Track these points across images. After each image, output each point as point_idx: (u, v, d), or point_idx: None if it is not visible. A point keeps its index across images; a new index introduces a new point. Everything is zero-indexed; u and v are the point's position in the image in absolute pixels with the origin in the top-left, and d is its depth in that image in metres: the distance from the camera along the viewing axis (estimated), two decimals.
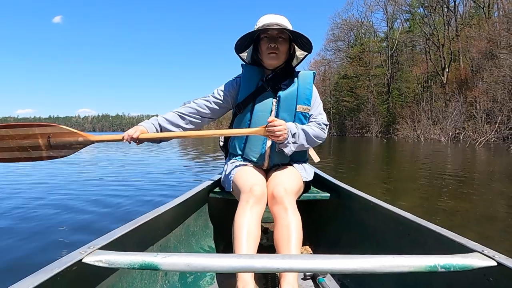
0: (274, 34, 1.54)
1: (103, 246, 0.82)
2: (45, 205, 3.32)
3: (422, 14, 39.74)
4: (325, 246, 1.71)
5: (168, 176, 5.74)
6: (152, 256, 0.71)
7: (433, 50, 37.39)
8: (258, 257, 0.70)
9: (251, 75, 1.62)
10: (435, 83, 35.90)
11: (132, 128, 1.52)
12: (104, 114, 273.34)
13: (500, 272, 0.73)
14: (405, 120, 31.01)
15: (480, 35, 28.96)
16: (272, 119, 1.44)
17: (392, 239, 1.25)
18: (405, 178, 5.99)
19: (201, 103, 1.65)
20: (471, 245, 0.83)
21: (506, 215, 3.25)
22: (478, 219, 3.06)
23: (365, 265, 0.69)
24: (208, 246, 1.66)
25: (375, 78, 45.03)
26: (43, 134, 1.47)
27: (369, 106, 43.25)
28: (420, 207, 3.46)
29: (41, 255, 2.01)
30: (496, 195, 4.21)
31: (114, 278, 0.92)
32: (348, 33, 50.59)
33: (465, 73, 31.27)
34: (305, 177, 1.60)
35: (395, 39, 43.51)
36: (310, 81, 1.64)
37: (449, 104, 27.46)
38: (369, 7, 46.81)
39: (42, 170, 6.21)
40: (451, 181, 5.30)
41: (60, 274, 0.69)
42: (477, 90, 24.84)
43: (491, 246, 0.82)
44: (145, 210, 3.21)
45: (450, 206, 3.49)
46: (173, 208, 1.29)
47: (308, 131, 1.55)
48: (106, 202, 3.48)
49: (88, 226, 2.65)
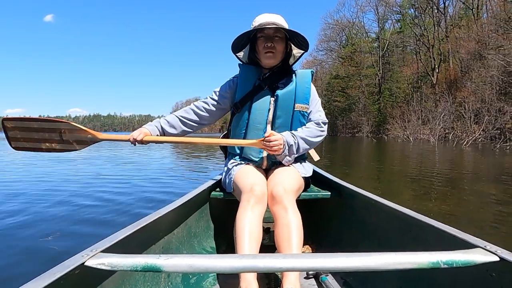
0: (271, 33, 1.54)
1: (106, 249, 0.82)
2: (46, 205, 3.34)
3: (413, 15, 40.14)
4: (327, 245, 1.71)
5: (169, 174, 5.92)
6: (154, 258, 0.71)
7: (423, 50, 37.76)
8: (261, 257, 0.70)
9: (248, 74, 1.63)
10: (425, 84, 36.27)
11: (137, 131, 1.57)
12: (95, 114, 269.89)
13: (502, 267, 0.73)
14: (395, 120, 31.23)
15: (469, 36, 29.33)
16: (269, 133, 1.46)
17: (394, 236, 1.24)
18: (392, 177, 6.10)
19: (200, 105, 1.66)
20: (473, 240, 0.83)
21: (486, 209, 3.40)
22: (460, 213, 3.21)
23: (368, 262, 0.69)
24: (210, 247, 1.67)
25: (366, 78, 45.32)
26: (57, 129, 1.62)
27: (360, 106, 43.50)
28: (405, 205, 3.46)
29: (44, 257, 2.04)
30: (479, 193, 4.36)
31: (117, 280, 0.92)
32: (340, 33, 50.83)
33: (455, 73, 31.64)
34: (304, 173, 1.61)
35: (386, 39, 43.86)
36: (308, 80, 1.63)
37: (439, 104, 27.74)
38: (360, 7, 47.18)
39: (42, 170, 6.20)
40: (436, 180, 5.36)
41: (63, 278, 0.68)
42: (466, 90, 25.13)
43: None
44: (145, 209, 3.14)
45: (433, 206, 3.54)
46: (174, 210, 1.29)
47: (307, 137, 1.57)
48: (105, 201, 3.51)
49: (90, 227, 2.68)
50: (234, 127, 1.66)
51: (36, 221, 2.84)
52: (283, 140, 1.49)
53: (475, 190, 4.59)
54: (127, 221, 2.63)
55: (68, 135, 1.62)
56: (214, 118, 1.69)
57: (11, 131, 1.66)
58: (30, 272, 0.80)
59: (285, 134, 1.52)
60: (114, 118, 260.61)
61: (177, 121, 1.65)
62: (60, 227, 2.66)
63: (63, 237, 2.44)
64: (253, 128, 1.60)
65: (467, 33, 30.21)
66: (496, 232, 2.67)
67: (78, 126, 1.63)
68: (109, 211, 3.20)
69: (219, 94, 1.66)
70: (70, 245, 2.26)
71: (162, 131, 1.63)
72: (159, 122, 1.65)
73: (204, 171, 6.60)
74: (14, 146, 1.69)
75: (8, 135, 1.66)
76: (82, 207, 3.32)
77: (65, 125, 1.62)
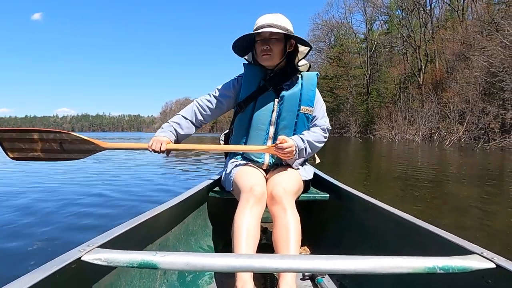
0: (266, 36, 1.53)
1: (102, 245, 0.82)
2: (46, 203, 3.34)
3: (400, 16, 40.53)
4: (324, 246, 1.71)
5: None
6: (151, 254, 0.72)
7: (410, 51, 38.14)
8: (257, 257, 0.71)
9: (252, 74, 1.63)
10: (412, 84, 36.64)
11: (156, 141, 1.54)
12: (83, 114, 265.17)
13: (498, 274, 0.74)
14: (382, 120, 31.43)
15: (454, 38, 29.74)
16: (281, 140, 1.45)
17: (391, 240, 1.24)
18: (369, 176, 6.13)
19: (204, 104, 1.67)
20: (470, 247, 0.83)
21: (456, 207, 3.55)
22: (430, 212, 3.31)
23: (364, 265, 0.69)
24: (207, 245, 1.67)
25: (354, 78, 45.59)
26: (57, 139, 1.60)
27: (348, 106, 43.71)
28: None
29: (41, 252, 2.03)
30: (452, 192, 4.56)
31: (113, 276, 0.92)
32: (328, 34, 51.04)
33: (440, 74, 32.03)
34: (305, 176, 1.61)
35: (374, 40, 44.19)
36: (313, 83, 1.64)
37: (425, 105, 28.02)
38: (348, 8, 47.45)
39: (42, 170, 6.18)
40: (411, 179, 5.40)
41: (59, 272, 0.69)
42: (451, 91, 25.44)
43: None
44: (142, 206, 3.14)
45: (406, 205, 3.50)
46: (172, 207, 1.29)
47: (313, 141, 1.58)
48: (104, 201, 3.51)
49: (88, 223, 2.68)
50: (237, 126, 1.67)
51: (32, 216, 2.86)
52: (295, 146, 1.49)
53: (449, 190, 4.67)
54: (125, 218, 2.53)
55: (68, 145, 1.61)
56: (216, 114, 1.70)
57: (6, 142, 1.64)
58: (26, 267, 0.77)
59: (295, 138, 1.53)
60: (103, 118, 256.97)
61: (186, 122, 1.66)
62: (58, 224, 2.65)
63: (60, 233, 2.44)
64: (255, 128, 1.60)
65: (452, 34, 30.64)
66: (467, 230, 2.71)
67: (79, 137, 1.62)
68: (108, 208, 3.23)
69: (223, 92, 1.66)
70: (66, 240, 2.26)
71: (177, 137, 1.64)
72: (171, 126, 1.64)
73: (203, 170, 6.53)
74: (12, 156, 1.67)
75: (4, 147, 1.64)
76: (83, 205, 3.33)
77: (65, 136, 1.61)
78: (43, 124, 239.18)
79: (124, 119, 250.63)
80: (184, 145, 1.64)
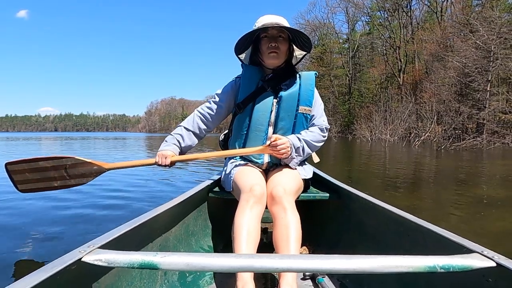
0: (275, 34, 1.54)
1: (103, 245, 0.82)
2: (46, 203, 3.29)
3: (381, 17, 40.84)
4: (324, 246, 1.71)
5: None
6: (151, 255, 0.72)
7: (390, 52, 38.47)
8: (258, 257, 0.71)
9: (251, 75, 1.63)
10: (392, 84, 36.96)
11: (161, 156, 1.59)
12: (67, 114, 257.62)
13: (499, 273, 0.74)
14: (362, 120, 31.50)
15: (432, 39, 30.10)
16: (274, 138, 1.47)
17: (391, 239, 1.24)
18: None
19: (206, 112, 1.69)
20: (471, 246, 0.83)
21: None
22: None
23: (364, 265, 0.70)
24: (208, 246, 1.67)
25: (336, 78, 45.70)
26: (62, 165, 1.63)
27: (330, 106, 43.79)
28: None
29: (41, 253, 2.02)
30: (427, 187, 4.82)
31: (114, 277, 0.92)
32: (311, 34, 51.03)
33: (419, 74, 32.39)
34: (304, 175, 1.61)
35: (356, 41, 44.41)
36: (312, 82, 1.63)
37: (404, 105, 28.22)
38: (331, 8, 47.45)
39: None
40: (385, 179, 5.47)
41: (60, 273, 0.69)
42: (428, 91, 25.68)
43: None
44: (143, 206, 3.18)
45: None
46: (172, 208, 1.29)
47: (310, 140, 1.59)
48: (104, 202, 3.48)
49: (88, 224, 2.68)
50: (235, 127, 1.67)
51: (32, 217, 2.84)
52: (290, 143, 1.50)
53: (406, 187, 4.79)
54: (125, 218, 2.40)
55: (73, 170, 1.64)
56: (219, 120, 1.72)
57: (16, 175, 1.65)
58: (26, 268, 0.88)
59: (291, 137, 1.54)
60: (87, 118, 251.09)
61: (188, 134, 1.68)
62: (58, 224, 2.63)
63: (60, 234, 2.42)
64: (254, 129, 1.59)
65: (430, 35, 31.02)
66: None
67: (82, 159, 1.64)
68: (107, 208, 3.22)
69: (223, 96, 1.67)
70: (67, 241, 2.26)
71: (180, 149, 1.67)
72: (174, 139, 1.66)
73: (203, 170, 6.40)
74: (21, 189, 1.68)
75: (14, 179, 1.66)
76: (83, 205, 3.31)
77: (70, 160, 1.63)
78: (24, 123, 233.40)
79: (109, 118, 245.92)
80: (187, 156, 1.69)
